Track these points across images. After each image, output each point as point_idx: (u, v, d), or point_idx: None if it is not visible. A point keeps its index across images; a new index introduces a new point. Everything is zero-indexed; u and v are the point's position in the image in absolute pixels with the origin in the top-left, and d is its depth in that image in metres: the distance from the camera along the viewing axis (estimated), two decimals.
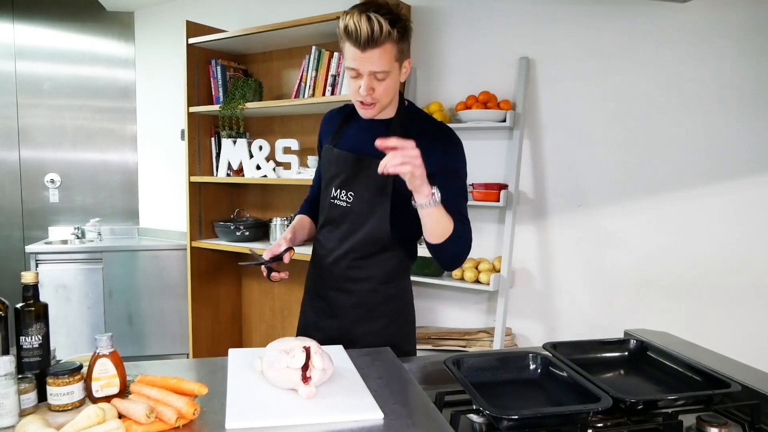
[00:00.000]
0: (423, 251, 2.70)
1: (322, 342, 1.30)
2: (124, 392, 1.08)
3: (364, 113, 1.42)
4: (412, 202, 1.25)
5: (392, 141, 1.16)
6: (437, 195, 1.23)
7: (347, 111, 1.58)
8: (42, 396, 1.06)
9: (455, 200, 1.36)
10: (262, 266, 1.47)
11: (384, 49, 1.30)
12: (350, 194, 1.47)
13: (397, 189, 1.41)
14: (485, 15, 2.64)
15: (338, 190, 1.48)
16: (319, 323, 1.58)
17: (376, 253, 1.50)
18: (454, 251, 1.35)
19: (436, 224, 1.27)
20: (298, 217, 1.70)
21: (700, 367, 1.21)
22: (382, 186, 1.43)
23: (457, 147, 1.45)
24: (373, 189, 1.43)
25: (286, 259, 1.47)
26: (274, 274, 1.47)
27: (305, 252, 2.91)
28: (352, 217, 1.48)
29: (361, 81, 1.35)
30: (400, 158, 1.14)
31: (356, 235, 1.48)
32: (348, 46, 1.32)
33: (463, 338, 2.60)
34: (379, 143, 1.16)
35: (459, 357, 1.23)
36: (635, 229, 2.34)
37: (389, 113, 1.47)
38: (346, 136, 1.53)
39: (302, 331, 1.66)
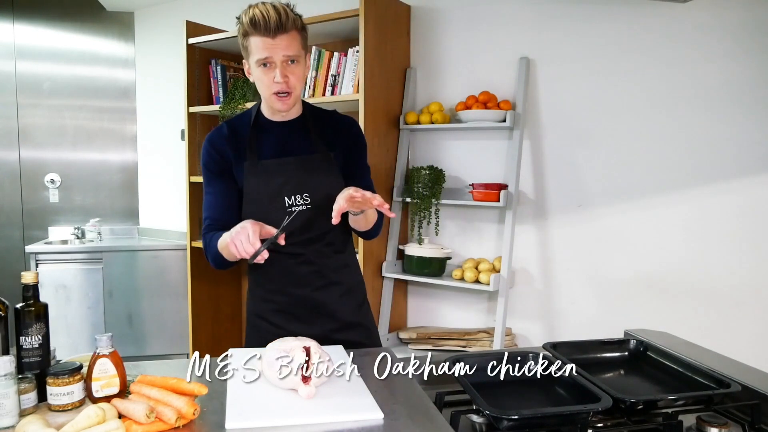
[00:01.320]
0: (420, 251, 2.70)
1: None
2: (124, 392, 1.08)
3: (282, 105, 1.43)
4: (351, 213, 1.37)
5: (341, 209, 1.26)
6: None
7: (241, 126, 1.53)
8: (42, 396, 1.06)
9: (368, 179, 1.54)
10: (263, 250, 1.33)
11: (292, 35, 1.37)
12: (305, 195, 1.46)
13: (344, 174, 1.51)
14: (485, 15, 2.64)
15: (292, 197, 1.46)
16: (300, 330, 1.48)
17: (346, 239, 1.58)
18: (376, 230, 1.53)
19: (364, 220, 1.42)
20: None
21: (700, 367, 1.21)
22: (334, 176, 1.48)
23: (359, 129, 1.58)
24: (328, 182, 1.46)
25: (281, 241, 1.38)
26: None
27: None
28: (317, 215, 1.46)
29: (274, 71, 1.38)
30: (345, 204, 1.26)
31: (328, 229, 1.48)
32: (255, 38, 1.37)
33: (463, 338, 2.60)
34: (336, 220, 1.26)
35: (459, 357, 1.23)
36: (635, 229, 2.34)
37: (296, 112, 1.51)
38: (266, 147, 1.49)
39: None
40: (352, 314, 1.56)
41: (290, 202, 1.46)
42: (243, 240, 1.26)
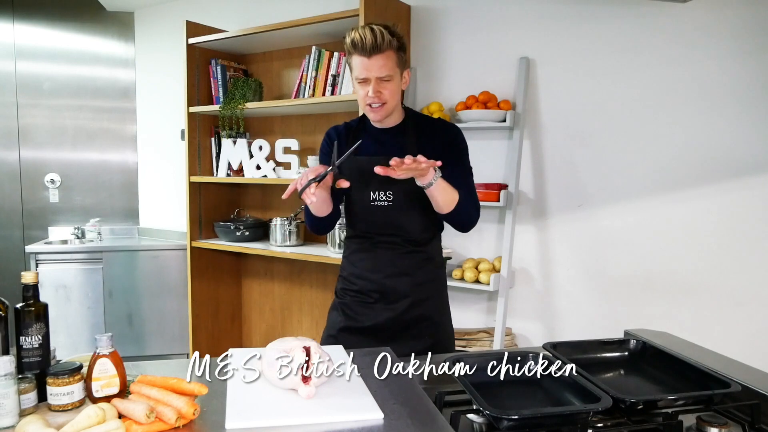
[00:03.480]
0: None
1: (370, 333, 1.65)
2: (124, 392, 1.08)
3: (374, 115, 1.60)
4: (418, 184, 1.45)
5: (394, 165, 1.35)
6: (437, 172, 1.45)
7: (354, 126, 1.72)
8: (42, 396, 1.06)
9: (465, 178, 1.63)
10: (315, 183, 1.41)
11: (387, 55, 1.52)
12: (389, 193, 1.62)
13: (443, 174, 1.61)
14: (485, 15, 2.64)
15: (376, 192, 1.62)
16: (370, 312, 1.68)
17: (428, 237, 1.69)
18: (463, 218, 1.61)
19: (442, 195, 1.50)
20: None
21: (700, 367, 1.21)
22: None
23: (457, 132, 1.68)
24: (411, 184, 1.54)
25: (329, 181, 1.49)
26: (340, 180, 1.46)
27: (311, 253, 2.91)
28: (396, 213, 1.62)
29: (369, 86, 1.54)
30: (403, 172, 1.36)
31: (409, 224, 1.63)
32: (356, 57, 1.53)
33: (463, 338, 2.60)
34: (382, 171, 1.35)
35: (459, 357, 1.23)
36: (635, 229, 2.34)
37: (397, 119, 1.66)
38: (365, 147, 1.65)
39: (342, 325, 1.71)
40: (419, 306, 1.67)
41: (374, 197, 1.63)
42: (299, 179, 1.41)
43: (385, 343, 1.56)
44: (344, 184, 1.45)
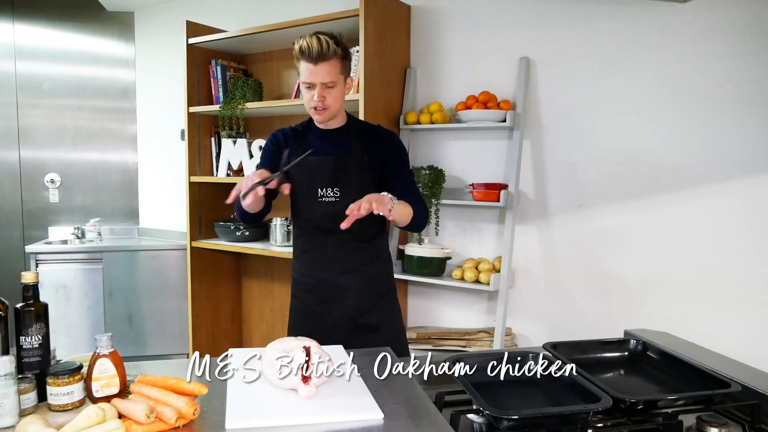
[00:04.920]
0: (421, 251, 2.70)
1: (327, 331, 1.69)
2: (124, 392, 1.08)
3: (318, 117, 1.70)
4: (380, 214, 1.50)
5: (353, 214, 1.43)
6: (393, 199, 1.55)
7: (301, 129, 1.81)
8: (42, 396, 1.06)
9: (410, 182, 1.75)
10: (260, 186, 1.48)
11: (331, 63, 1.61)
12: (336, 190, 1.69)
13: (373, 175, 1.72)
14: (485, 15, 2.64)
15: (324, 189, 1.70)
16: (326, 310, 1.74)
17: (374, 233, 1.77)
18: (418, 223, 1.70)
19: (399, 216, 1.60)
20: None
21: (700, 367, 1.21)
22: (363, 175, 1.70)
23: (397, 139, 1.80)
24: (357, 180, 1.69)
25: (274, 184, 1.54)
26: (284, 186, 1.53)
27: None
28: (343, 208, 1.57)
29: (314, 91, 1.64)
30: (364, 206, 1.44)
31: (362, 221, 1.61)
32: (303, 63, 1.62)
33: (463, 338, 2.61)
34: (345, 225, 1.44)
35: (459, 357, 1.23)
36: (635, 229, 2.34)
37: (340, 121, 1.77)
38: (311, 147, 1.72)
39: (300, 325, 1.79)
40: (371, 301, 1.76)
41: (321, 194, 1.70)
42: (244, 180, 1.51)
43: (340, 341, 1.54)
44: (286, 190, 1.54)
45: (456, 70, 2.73)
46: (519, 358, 1.26)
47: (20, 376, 1.05)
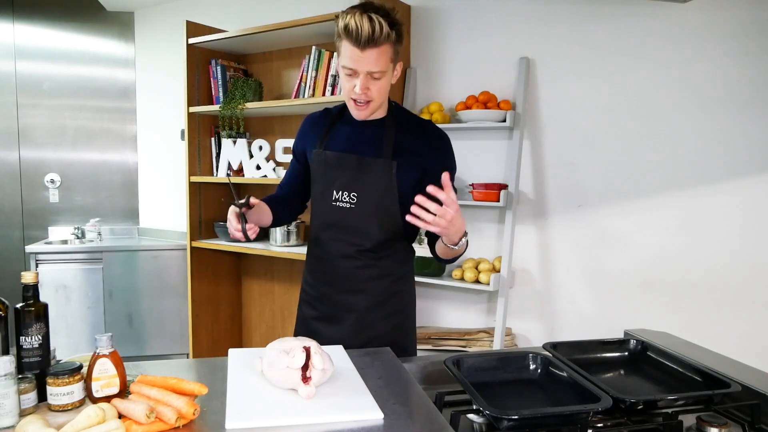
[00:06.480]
0: (421, 251, 2.70)
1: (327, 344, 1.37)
2: (124, 392, 1.08)
3: (358, 113, 1.43)
4: (444, 241, 1.30)
5: (440, 194, 1.17)
6: (467, 240, 1.31)
7: (333, 114, 1.56)
8: (42, 396, 1.06)
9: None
10: (236, 210, 1.38)
11: (382, 50, 1.33)
12: (353, 195, 1.45)
13: (400, 187, 1.46)
14: (485, 15, 2.64)
15: (339, 192, 1.46)
16: (324, 329, 1.54)
17: (389, 251, 1.51)
18: (457, 258, 1.47)
19: (452, 252, 1.37)
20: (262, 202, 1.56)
21: (700, 367, 1.21)
22: (387, 185, 1.44)
23: (448, 146, 1.53)
24: (379, 188, 1.43)
25: (254, 201, 1.41)
26: (249, 225, 1.39)
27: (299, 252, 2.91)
28: (357, 218, 1.46)
29: (356, 80, 1.36)
30: (442, 222, 1.19)
31: (368, 235, 1.47)
32: (346, 44, 1.33)
33: (463, 338, 2.60)
34: (429, 193, 1.18)
35: (459, 357, 1.23)
36: (635, 229, 2.34)
37: (380, 113, 1.49)
38: (336, 139, 1.50)
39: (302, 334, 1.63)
40: (379, 327, 1.51)
41: (336, 197, 1.47)
42: (232, 226, 1.36)
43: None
44: (255, 201, 1.40)
45: (456, 70, 2.73)
46: (519, 358, 1.26)
47: (20, 376, 1.04)
